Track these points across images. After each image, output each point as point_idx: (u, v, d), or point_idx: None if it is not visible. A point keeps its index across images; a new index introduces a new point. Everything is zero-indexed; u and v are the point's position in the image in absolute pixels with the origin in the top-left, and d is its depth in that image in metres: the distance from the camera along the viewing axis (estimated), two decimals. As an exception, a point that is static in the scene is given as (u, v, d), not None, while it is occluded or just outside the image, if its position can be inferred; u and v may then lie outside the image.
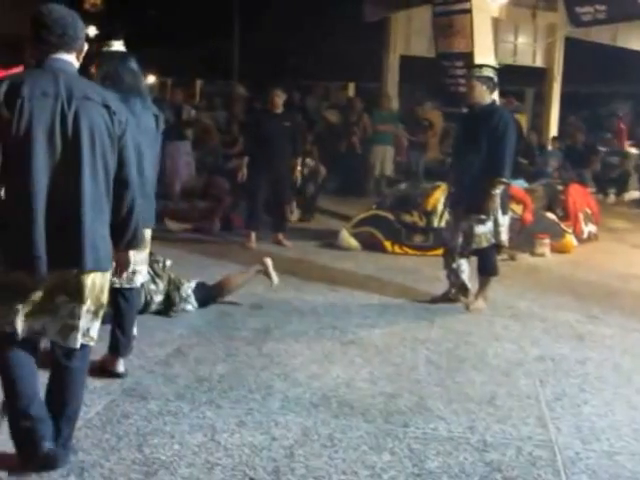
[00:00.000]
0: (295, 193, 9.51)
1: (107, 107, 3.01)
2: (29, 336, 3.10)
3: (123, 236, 3.20)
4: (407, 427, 3.83)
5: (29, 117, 2.82)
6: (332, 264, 7.52)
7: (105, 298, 3.23)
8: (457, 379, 4.53)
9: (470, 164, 5.77)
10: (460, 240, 5.99)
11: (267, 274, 6.04)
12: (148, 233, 4.33)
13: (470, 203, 5.81)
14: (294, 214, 9.82)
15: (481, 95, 5.78)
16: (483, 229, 5.84)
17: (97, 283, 3.11)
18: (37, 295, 3.02)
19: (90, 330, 3.18)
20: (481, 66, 6.09)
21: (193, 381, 4.31)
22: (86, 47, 3.11)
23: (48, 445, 3.12)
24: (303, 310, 5.86)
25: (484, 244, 5.90)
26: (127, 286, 4.31)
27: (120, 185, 3.10)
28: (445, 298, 6.19)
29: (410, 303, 6.20)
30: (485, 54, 8.66)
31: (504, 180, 5.71)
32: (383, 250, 8.12)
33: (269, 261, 6.09)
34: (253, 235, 8.28)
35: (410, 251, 8.08)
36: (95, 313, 3.18)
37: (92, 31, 30.53)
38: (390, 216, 8.29)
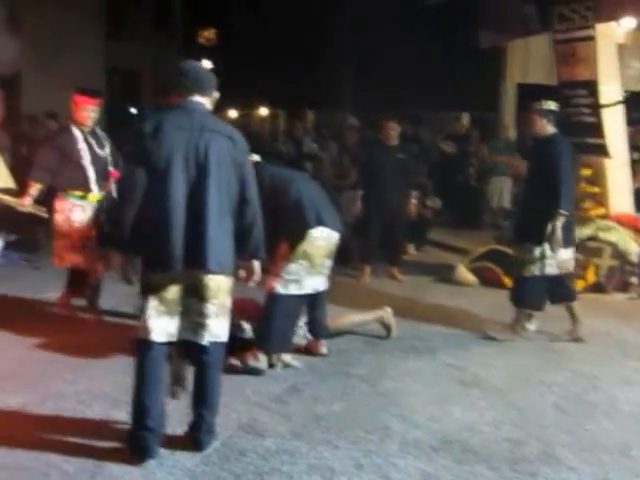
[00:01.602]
0: (409, 227, 9.34)
1: (231, 138, 3.64)
2: (165, 340, 3.58)
3: (247, 247, 3.77)
4: (535, 477, 3.62)
5: (168, 146, 3.51)
6: (449, 300, 7.30)
7: (229, 301, 3.71)
8: (587, 426, 4.26)
9: (529, 195, 6.05)
10: None
11: (385, 324, 5.91)
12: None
13: (523, 231, 5.97)
14: (410, 247, 9.65)
15: (541, 128, 5.93)
16: (528, 257, 5.81)
17: (221, 285, 3.64)
18: (173, 297, 3.57)
19: (217, 328, 3.65)
20: (541, 100, 6.07)
21: (309, 419, 4.22)
22: (216, 95, 3.79)
23: (152, 455, 3.57)
24: (419, 348, 5.69)
25: (525, 273, 5.86)
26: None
27: (242, 203, 3.69)
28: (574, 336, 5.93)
29: (532, 342, 5.92)
30: (610, 81, 8.30)
31: (563, 212, 5.65)
32: (501, 286, 7.81)
33: (390, 311, 5.94)
34: (367, 269, 8.18)
35: (530, 287, 7.77)
36: (220, 313, 3.65)
37: (207, 65, 31.58)
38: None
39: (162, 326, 3.58)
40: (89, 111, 5.81)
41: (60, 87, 16.93)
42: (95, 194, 5.83)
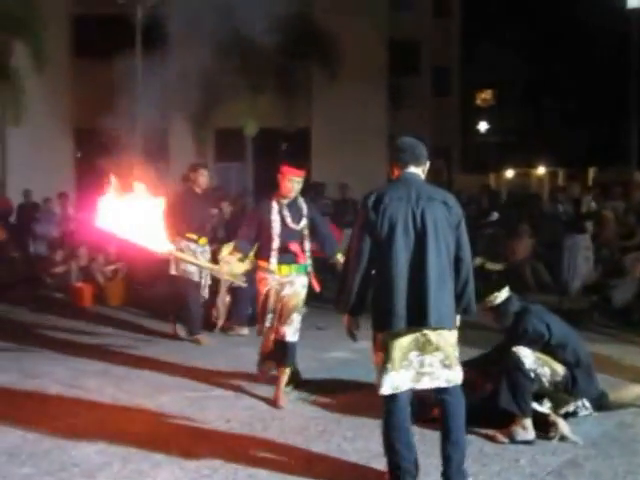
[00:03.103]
0: None
1: (445, 203, 3.98)
2: (392, 392, 3.91)
3: (460, 303, 4.00)
4: None
5: (389, 216, 3.89)
6: None
7: (453, 352, 3.97)
8: None
9: None
10: None
11: None
12: None
13: None
14: None
15: None
16: None
17: (446, 339, 3.93)
18: (401, 352, 3.88)
19: (448, 376, 3.93)
20: None
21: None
22: (428, 164, 4.15)
23: None
24: None
25: None
26: None
27: (458, 262, 3.98)
28: None
29: None
30: None
31: None
32: None
33: None
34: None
35: None
36: (448, 364, 3.93)
37: (483, 126, 31.68)
38: None
39: (394, 380, 3.91)
40: (293, 182, 5.77)
41: (346, 153, 18.15)
42: (273, 268, 5.69)
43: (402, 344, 3.89)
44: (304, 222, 5.83)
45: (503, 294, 5.19)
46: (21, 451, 4.71)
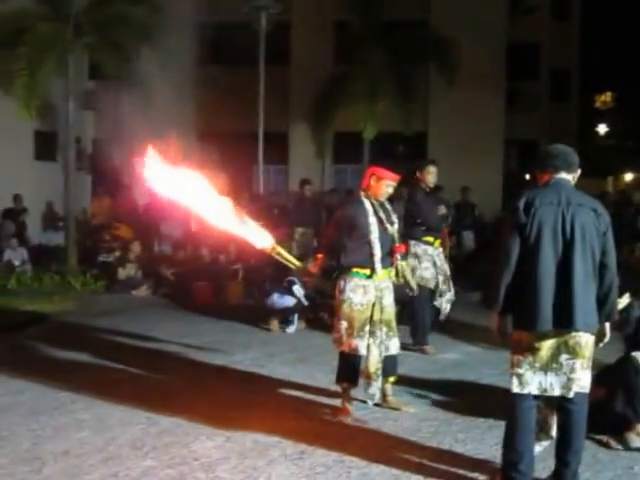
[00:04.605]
0: None
1: (595, 210, 4.03)
2: (539, 393, 3.98)
3: (603, 309, 4.03)
4: None
5: (539, 219, 3.95)
6: None
7: (590, 356, 4.01)
8: None
9: None
10: None
11: None
12: None
13: None
14: None
15: None
16: None
17: (587, 342, 3.99)
18: (545, 353, 3.96)
19: (583, 380, 3.98)
20: None
21: None
22: (579, 171, 4.17)
23: None
24: None
25: None
26: None
27: (603, 268, 4.01)
28: None
29: None
30: None
31: None
32: None
33: None
34: None
35: None
36: (586, 366, 3.97)
37: (602, 129, 30.57)
38: None
39: (535, 380, 3.98)
40: (389, 187, 5.51)
41: (462, 156, 18.02)
42: (379, 274, 5.37)
43: (551, 346, 3.96)
44: (396, 225, 5.58)
45: (624, 300, 5.09)
46: (144, 443, 4.85)
